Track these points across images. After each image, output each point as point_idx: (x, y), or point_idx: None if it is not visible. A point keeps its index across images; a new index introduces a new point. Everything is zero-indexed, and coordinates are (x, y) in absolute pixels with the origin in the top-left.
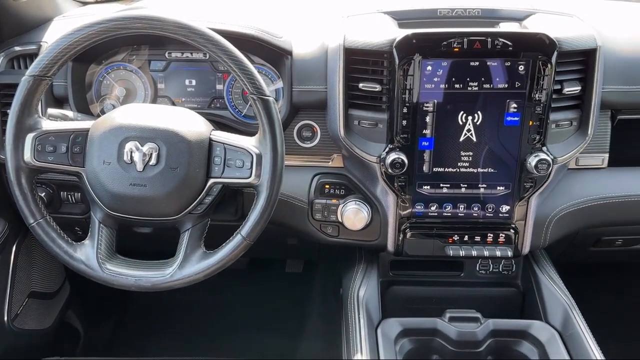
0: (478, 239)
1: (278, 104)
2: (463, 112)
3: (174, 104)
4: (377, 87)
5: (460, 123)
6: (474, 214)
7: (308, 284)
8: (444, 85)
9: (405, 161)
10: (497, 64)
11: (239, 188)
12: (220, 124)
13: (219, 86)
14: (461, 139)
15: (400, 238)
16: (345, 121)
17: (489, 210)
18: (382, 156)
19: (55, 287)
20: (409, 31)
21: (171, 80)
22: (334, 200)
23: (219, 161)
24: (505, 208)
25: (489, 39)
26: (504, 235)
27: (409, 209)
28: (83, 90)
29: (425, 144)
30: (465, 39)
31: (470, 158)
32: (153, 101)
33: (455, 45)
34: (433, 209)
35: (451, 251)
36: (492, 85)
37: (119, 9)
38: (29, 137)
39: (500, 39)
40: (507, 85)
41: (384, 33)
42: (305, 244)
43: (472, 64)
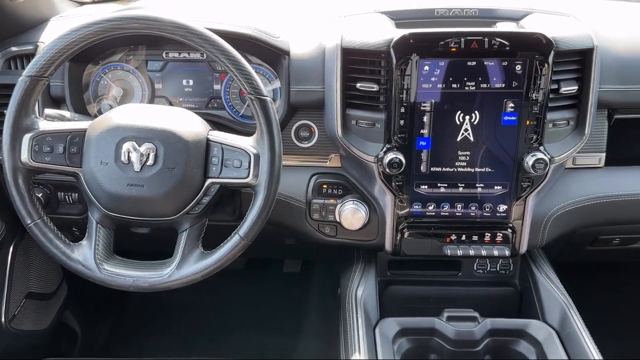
0: (476, 238)
1: (275, 104)
2: (460, 112)
3: (171, 104)
4: (375, 87)
5: (458, 123)
6: (472, 214)
7: (306, 283)
8: (441, 85)
9: (403, 161)
10: (494, 63)
11: (237, 188)
12: (217, 124)
13: (217, 86)
14: (458, 138)
15: (397, 238)
16: (343, 121)
17: (487, 209)
18: (380, 156)
19: (53, 288)
20: (406, 31)
21: (168, 80)
22: (332, 200)
23: (216, 161)
24: (502, 207)
25: (486, 39)
26: (501, 234)
27: (407, 209)
28: (80, 90)
29: (423, 143)
30: (462, 39)
31: (468, 158)
32: (150, 101)
33: (452, 45)
34: (431, 208)
35: (449, 251)
36: (490, 85)
37: (116, 9)
38: (26, 138)
39: (498, 39)
40: (504, 85)
41: (382, 33)
42: (303, 243)
43: (470, 63)
